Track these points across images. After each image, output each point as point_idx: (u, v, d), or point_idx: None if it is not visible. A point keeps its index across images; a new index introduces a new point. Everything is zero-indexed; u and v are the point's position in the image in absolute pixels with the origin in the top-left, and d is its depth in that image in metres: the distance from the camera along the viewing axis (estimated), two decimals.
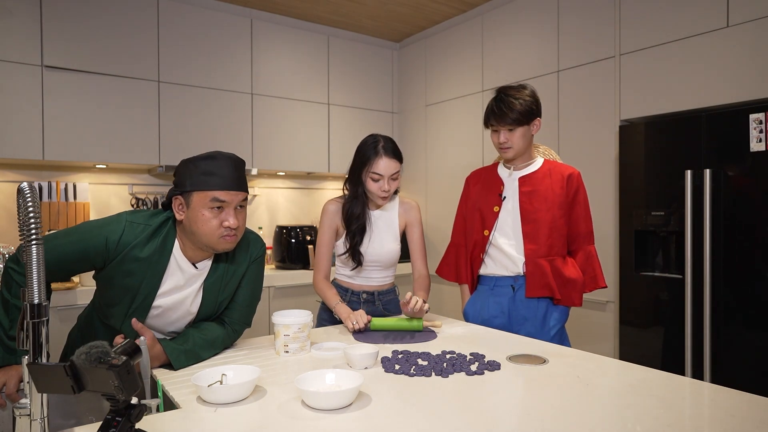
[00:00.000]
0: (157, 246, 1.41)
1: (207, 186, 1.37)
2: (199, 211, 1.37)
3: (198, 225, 1.38)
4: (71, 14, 2.83)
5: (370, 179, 1.88)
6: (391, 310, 2.05)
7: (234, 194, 1.39)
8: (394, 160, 1.88)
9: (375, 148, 1.88)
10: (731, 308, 2.21)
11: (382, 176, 1.87)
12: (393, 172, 1.88)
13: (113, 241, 1.37)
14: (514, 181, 1.95)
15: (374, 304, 2.02)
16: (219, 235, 1.39)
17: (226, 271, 1.52)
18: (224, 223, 1.38)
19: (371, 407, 1.09)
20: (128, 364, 0.78)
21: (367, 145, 1.91)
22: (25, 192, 0.87)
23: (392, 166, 1.87)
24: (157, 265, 1.41)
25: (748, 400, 1.10)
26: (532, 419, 1.02)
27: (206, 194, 1.37)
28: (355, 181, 1.93)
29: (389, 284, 2.07)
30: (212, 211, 1.37)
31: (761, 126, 2.11)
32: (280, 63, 3.58)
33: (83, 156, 2.88)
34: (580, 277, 1.89)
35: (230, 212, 1.39)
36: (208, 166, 1.38)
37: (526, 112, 1.85)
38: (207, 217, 1.37)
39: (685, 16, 2.41)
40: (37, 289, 0.85)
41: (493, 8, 3.39)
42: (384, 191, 1.88)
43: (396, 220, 2.02)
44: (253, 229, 4.06)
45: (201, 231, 1.38)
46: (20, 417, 0.91)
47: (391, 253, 2.00)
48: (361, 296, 2.01)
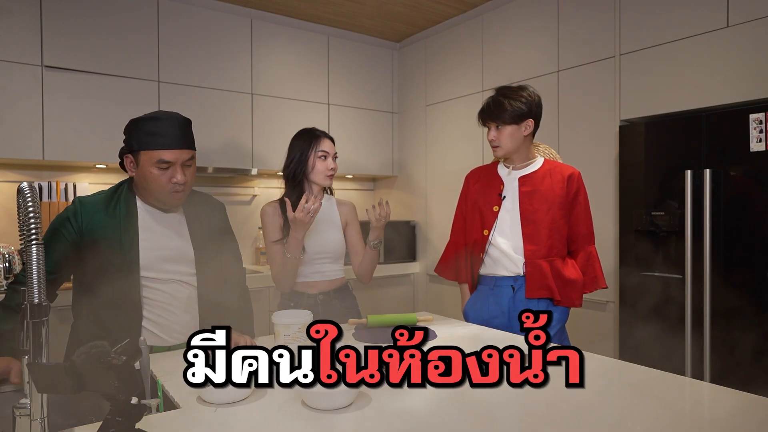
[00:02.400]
0: (121, 203, 1.53)
1: (152, 146, 1.47)
2: (148, 170, 1.48)
3: (148, 182, 1.50)
4: (71, 14, 2.83)
5: (318, 160, 1.97)
6: (350, 306, 2.05)
7: (179, 153, 1.49)
8: (330, 141, 2.04)
9: (314, 133, 2.02)
10: (731, 308, 2.21)
11: (328, 153, 1.99)
12: (333, 151, 2.02)
13: (73, 210, 1.49)
14: (514, 181, 1.95)
15: (332, 304, 2.01)
16: (169, 190, 1.50)
17: (196, 211, 1.64)
18: (172, 180, 1.49)
19: (371, 407, 1.09)
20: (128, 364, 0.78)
21: (305, 133, 2.03)
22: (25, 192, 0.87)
23: (332, 146, 2.03)
24: (127, 218, 1.52)
25: (748, 400, 1.10)
26: (532, 419, 1.02)
27: (152, 154, 1.47)
28: (296, 171, 1.99)
29: (341, 279, 2.07)
30: (160, 169, 1.48)
31: (761, 126, 2.11)
32: (280, 63, 3.58)
33: (83, 156, 2.88)
34: (580, 278, 1.89)
35: (177, 169, 1.49)
36: (153, 126, 1.47)
37: (514, 113, 1.86)
38: (155, 175, 1.48)
39: (685, 16, 2.41)
40: (37, 289, 0.85)
41: (493, 8, 3.39)
42: (331, 168, 1.99)
43: (336, 214, 2.08)
44: (253, 228, 4.05)
45: (151, 187, 1.50)
46: (20, 417, 0.91)
47: (335, 242, 2.03)
48: (317, 298, 2.00)
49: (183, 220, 1.62)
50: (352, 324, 1.73)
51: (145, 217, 1.55)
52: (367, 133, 4.00)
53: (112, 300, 1.49)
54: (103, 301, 1.49)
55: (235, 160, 3.38)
